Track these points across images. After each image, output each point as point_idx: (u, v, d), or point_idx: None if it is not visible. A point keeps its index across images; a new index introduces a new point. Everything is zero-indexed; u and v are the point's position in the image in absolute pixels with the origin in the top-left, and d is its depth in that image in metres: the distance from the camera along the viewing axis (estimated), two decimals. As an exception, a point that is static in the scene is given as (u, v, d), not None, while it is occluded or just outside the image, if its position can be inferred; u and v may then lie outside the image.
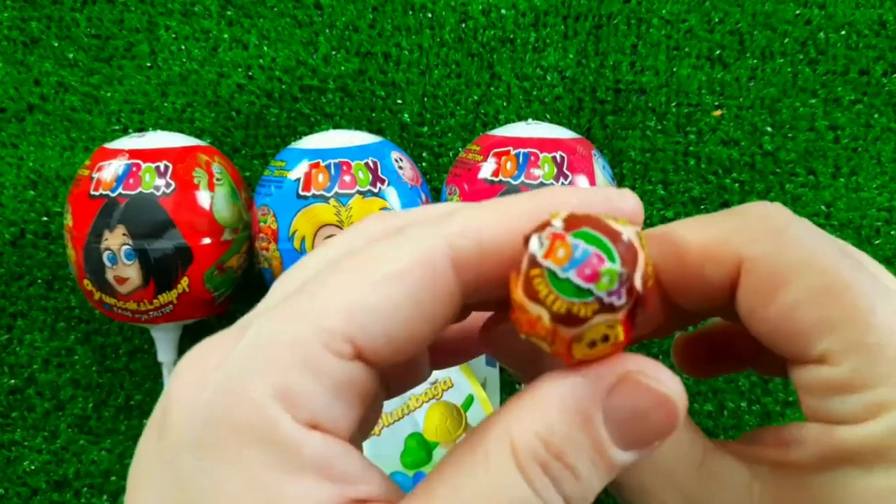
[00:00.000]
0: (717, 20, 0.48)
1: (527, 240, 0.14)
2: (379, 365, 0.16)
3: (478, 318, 0.20)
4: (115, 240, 0.39)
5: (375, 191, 0.40)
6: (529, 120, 0.45)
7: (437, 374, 0.45)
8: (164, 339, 0.44)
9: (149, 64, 0.50)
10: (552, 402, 0.15)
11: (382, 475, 0.16)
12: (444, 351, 0.22)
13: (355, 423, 0.16)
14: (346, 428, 0.16)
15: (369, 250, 0.16)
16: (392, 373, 0.18)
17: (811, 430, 0.17)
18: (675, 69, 0.48)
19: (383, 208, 0.39)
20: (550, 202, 0.17)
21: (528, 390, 0.16)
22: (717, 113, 0.48)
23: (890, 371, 0.16)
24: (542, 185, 0.39)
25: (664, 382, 0.15)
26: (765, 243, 0.17)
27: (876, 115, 0.48)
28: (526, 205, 0.17)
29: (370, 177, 0.40)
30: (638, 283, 0.14)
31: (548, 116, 0.49)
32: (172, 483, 0.15)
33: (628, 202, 0.17)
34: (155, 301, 0.40)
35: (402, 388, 0.21)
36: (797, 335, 0.17)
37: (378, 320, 0.15)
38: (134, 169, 0.40)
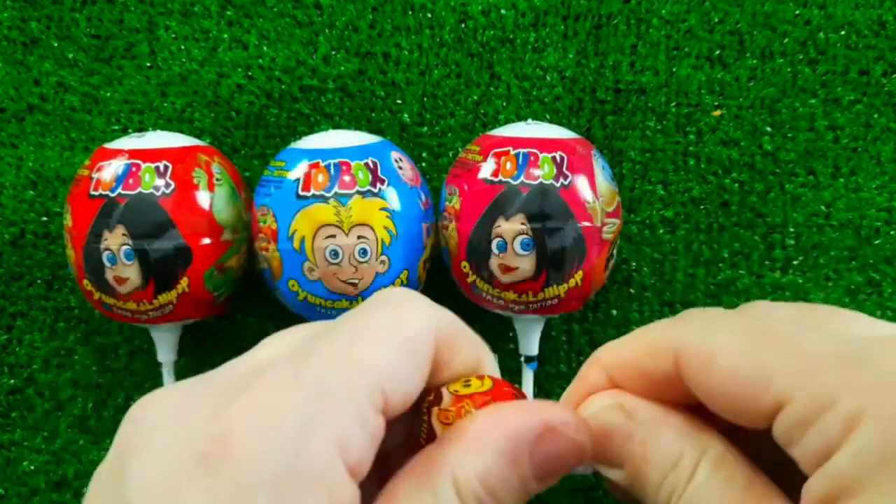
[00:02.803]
0: (717, 20, 0.48)
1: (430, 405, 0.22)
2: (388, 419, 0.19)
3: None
4: (115, 240, 0.39)
5: (375, 191, 0.39)
6: (529, 120, 0.45)
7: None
8: (163, 340, 0.44)
9: (149, 64, 0.50)
10: (489, 446, 0.19)
11: None
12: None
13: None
14: (366, 475, 0.19)
15: (384, 311, 0.20)
16: None
17: (811, 485, 0.18)
18: (674, 69, 0.48)
19: (383, 208, 0.39)
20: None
21: (466, 433, 0.19)
22: (717, 113, 0.48)
23: (838, 381, 0.17)
24: (541, 184, 0.39)
25: (580, 432, 0.19)
26: (695, 330, 0.20)
27: (876, 115, 0.48)
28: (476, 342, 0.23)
29: (370, 177, 0.40)
30: (446, 395, 0.21)
31: (547, 116, 0.49)
32: None
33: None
34: (155, 301, 0.40)
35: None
36: (749, 392, 0.18)
37: (402, 379, 0.19)
38: (133, 169, 0.40)
